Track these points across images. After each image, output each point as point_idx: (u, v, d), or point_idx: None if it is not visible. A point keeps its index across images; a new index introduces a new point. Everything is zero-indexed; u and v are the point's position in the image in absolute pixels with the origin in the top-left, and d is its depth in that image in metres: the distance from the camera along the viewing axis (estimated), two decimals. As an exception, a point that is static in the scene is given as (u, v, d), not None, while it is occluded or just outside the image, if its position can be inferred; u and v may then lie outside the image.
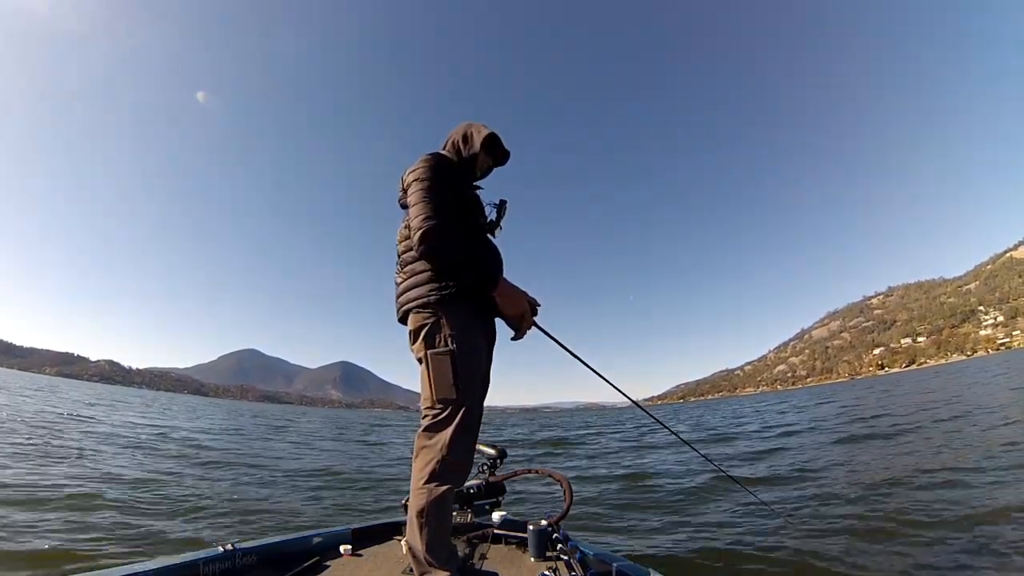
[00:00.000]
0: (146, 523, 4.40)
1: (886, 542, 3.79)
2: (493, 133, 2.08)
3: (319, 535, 2.28)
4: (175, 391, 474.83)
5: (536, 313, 1.94)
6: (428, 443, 1.80)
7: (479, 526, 2.49)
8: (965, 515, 4.12)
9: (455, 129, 2.15)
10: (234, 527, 4.65)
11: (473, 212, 2.00)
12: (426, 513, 1.72)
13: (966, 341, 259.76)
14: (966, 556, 3.38)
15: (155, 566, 1.69)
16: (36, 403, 20.08)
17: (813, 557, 3.60)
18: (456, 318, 1.83)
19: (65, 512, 4.45)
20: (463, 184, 2.02)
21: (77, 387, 69.62)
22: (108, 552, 3.56)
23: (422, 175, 1.87)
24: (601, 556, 2.10)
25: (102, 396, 41.84)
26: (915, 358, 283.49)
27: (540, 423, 36.53)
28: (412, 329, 1.90)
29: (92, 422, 14.38)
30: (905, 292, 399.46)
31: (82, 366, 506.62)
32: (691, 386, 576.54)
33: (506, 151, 2.21)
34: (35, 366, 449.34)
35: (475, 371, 1.86)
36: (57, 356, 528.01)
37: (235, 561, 1.91)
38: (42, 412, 15.51)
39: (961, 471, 5.62)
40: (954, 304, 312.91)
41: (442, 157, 1.99)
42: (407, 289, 1.92)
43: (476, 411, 1.86)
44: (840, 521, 4.38)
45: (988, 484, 4.99)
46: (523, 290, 1.91)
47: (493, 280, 1.83)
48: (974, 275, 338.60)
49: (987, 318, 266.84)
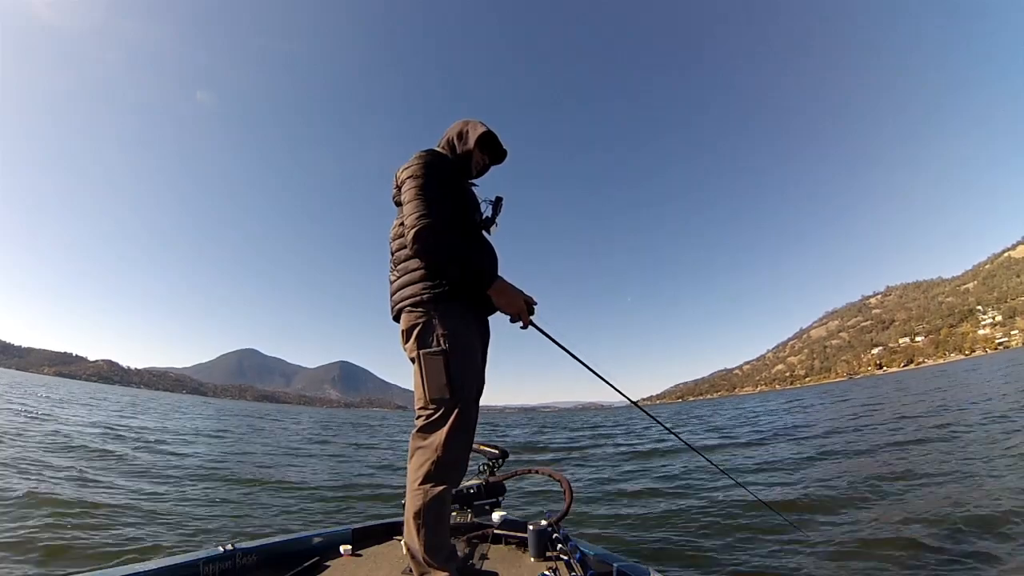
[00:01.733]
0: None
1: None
2: (489, 131, 2.06)
3: (319, 535, 2.28)
4: (174, 391, 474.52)
5: (533, 312, 1.93)
6: (423, 444, 1.80)
7: (479, 526, 2.49)
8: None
9: (451, 126, 2.14)
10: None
11: (468, 209, 1.99)
12: (422, 514, 1.72)
13: (964, 341, 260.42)
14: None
15: (155, 566, 1.69)
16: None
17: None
18: (449, 317, 1.82)
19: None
20: (458, 181, 2.01)
21: (65, 386, 66.41)
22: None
23: (416, 172, 1.86)
24: (601, 556, 2.10)
25: (73, 394, 38.19)
26: (913, 357, 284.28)
27: (541, 423, 36.08)
28: (405, 328, 1.88)
29: (49, 421, 13.42)
30: (903, 292, 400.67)
31: (80, 366, 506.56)
32: (690, 386, 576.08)
33: (503, 149, 2.19)
34: (33, 366, 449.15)
35: (469, 371, 1.84)
36: (55, 356, 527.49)
37: (235, 561, 1.91)
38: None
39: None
40: (952, 304, 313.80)
41: (436, 154, 1.98)
42: (401, 287, 1.91)
43: (471, 411, 1.85)
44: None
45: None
46: (519, 288, 1.90)
47: (488, 278, 1.83)
48: (972, 275, 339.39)
49: (985, 318, 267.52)
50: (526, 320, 1.89)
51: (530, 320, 1.91)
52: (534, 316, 1.94)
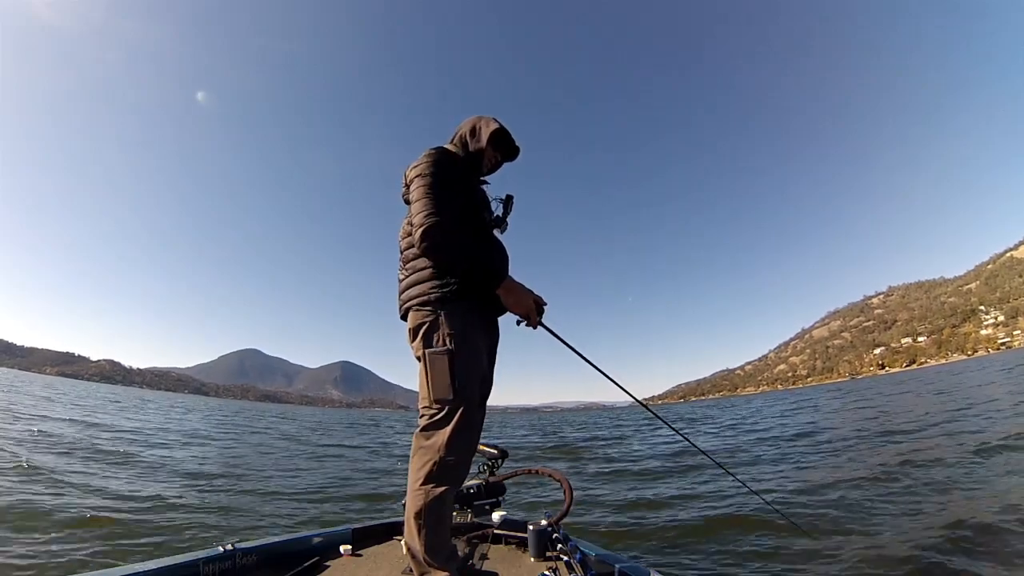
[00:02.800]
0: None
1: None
2: (501, 127, 2.03)
3: (319, 535, 2.28)
4: (176, 391, 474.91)
5: (542, 312, 1.90)
6: (425, 443, 1.78)
7: (479, 526, 2.49)
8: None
9: (464, 122, 2.10)
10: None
11: (478, 208, 1.97)
12: (423, 514, 1.71)
13: (967, 341, 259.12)
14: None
15: (155, 566, 1.69)
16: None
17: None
18: (456, 317, 1.80)
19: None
20: (468, 179, 1.98)
21: (60, 385, 64.85)
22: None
23: (424, 171, 1.83)
24: (603, 557, 2.09)
25: (64, 394, 35.66)
26: (916, 358, 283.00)
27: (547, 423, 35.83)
28: (412, 327, 1.87)
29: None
30: (906, 292, 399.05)
31: (82, 366, 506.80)
32: (692, 386, 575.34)
33: (516, 146, 2.15)
34: (35, 366, 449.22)
35: (474, 372, 1.83)
36: (57, 356, 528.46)
37: (235, 561, 1.91)
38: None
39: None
40: (955, 304, 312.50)
41: (446, 152, 1.95)
42: (409, 286, 1.90)
43: (476, 412, 1.84)
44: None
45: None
46: (529, 288, 1.88)
47: (498, 277, 1.80)
48: (975, 275, 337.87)
49: (988, 318, 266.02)
50: (535, 320, 1.87)
51: (539, 321, 1.89)
52: (543, 317, 1.92)
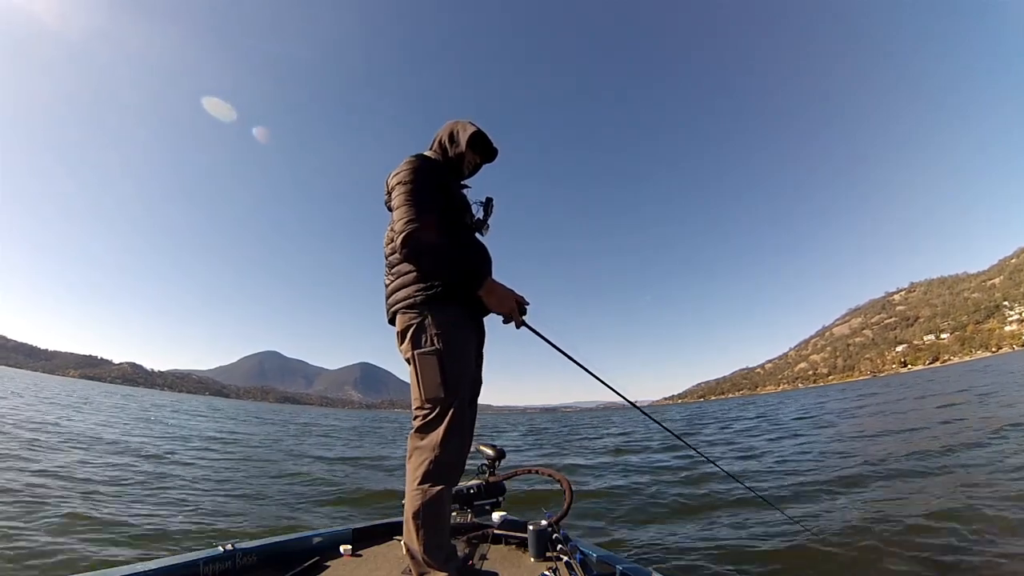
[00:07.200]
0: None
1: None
2: (479, 131, 2.09)
3: (319, 535, 2.29)
4: (196, 393, 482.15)
5: (524, 311, 1.92)
6: (420, 444, 1.81)
7: (479, 526, 2.49)
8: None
9: (442, 128, 2.15)
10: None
11: (460, 211, 2.01)
12: (421, 514, 1.73)
13: (991, 337, 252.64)
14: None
15: (155, 566, 1.70)
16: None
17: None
18: (442, 317, 1.83)
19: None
20: (449, 184, 2.02)
21: (81, 387, 65.69)
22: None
23: (405, 178, 1.88)
24: (604, 557, 2.08)
25: (76, 396, 34.62)
26: (939, 355, 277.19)
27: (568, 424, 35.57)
28: (399, 330, 1.91)
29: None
30: (928, 288, 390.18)
31: (105, 368, 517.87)
32: (711, 384, 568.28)
33: (494, 148, 2.20)
34: (59, 368, 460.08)
35: (463, 370, 1.86)
36: (80, 359, 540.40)
37: (235, 561, 1.93)
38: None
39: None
40: (978, 299, 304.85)
41: (425, 159, 1.99)
42: (395, 290, 1.93)
43: (467, 411, 1.87)
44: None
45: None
46: (511, 288, 1.90)
47: (478, 279, 1.82)
48: (998, 269, 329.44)
49: (1012, 313, 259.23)
50: (518, 320, 1.89)
51: (522, 320, 1.90)
52: (527, 316, 1.93)
